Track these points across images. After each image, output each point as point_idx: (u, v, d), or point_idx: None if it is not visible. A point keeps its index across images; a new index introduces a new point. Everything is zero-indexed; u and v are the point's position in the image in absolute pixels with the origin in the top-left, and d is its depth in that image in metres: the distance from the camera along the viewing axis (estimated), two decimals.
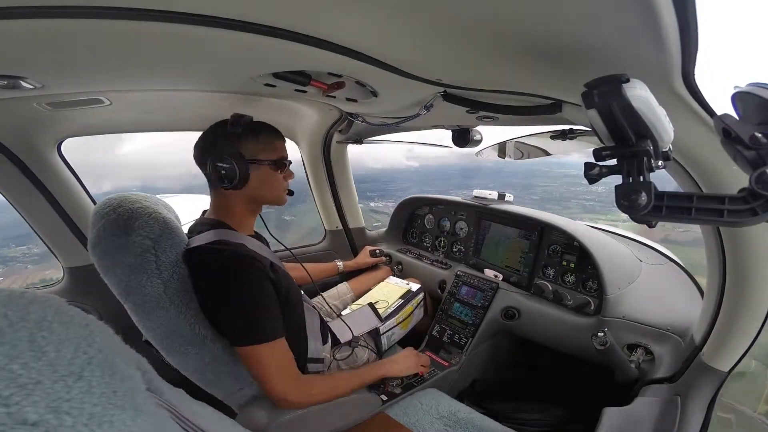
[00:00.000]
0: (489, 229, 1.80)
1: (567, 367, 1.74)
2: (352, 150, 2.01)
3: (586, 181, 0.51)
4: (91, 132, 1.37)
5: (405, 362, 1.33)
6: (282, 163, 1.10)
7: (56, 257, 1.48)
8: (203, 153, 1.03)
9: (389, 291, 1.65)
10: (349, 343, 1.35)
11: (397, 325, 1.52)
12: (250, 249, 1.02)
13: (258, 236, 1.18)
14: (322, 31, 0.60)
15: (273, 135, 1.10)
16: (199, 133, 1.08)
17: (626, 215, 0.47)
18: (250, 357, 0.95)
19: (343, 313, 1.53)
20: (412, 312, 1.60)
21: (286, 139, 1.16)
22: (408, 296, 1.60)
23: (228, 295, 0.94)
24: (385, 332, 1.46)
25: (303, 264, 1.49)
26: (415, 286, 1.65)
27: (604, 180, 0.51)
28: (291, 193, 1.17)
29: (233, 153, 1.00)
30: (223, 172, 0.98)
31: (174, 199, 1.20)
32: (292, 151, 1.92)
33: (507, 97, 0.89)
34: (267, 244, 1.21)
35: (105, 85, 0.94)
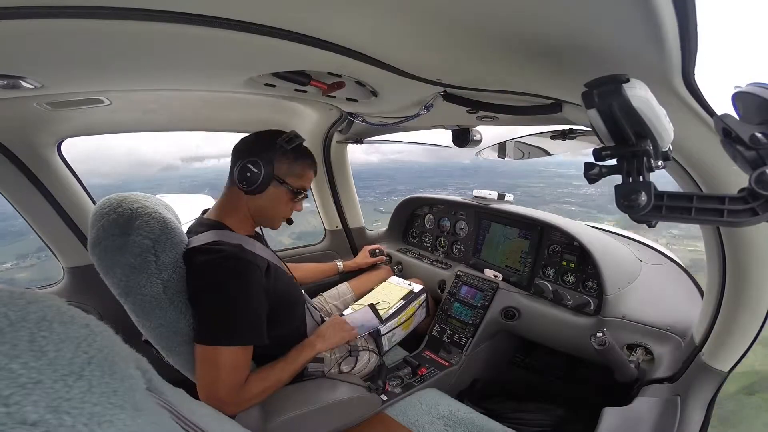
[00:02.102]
0: (489, 229, 1.80)
1: (567, 367, 1.74)
2: None
3: (575, 182, 0.51)
4: (91, 132, 1.37)
5: (333, 335, 1.19)
6: (299, 194, 1.12)
7: (56, 257, 1.48)
8: (243, 151, 1.06)
9: (391, 291, 1.65)
10: (348, 344, 1.35)
11: (399, 326, 1.52)
12: (247, 250, 1.02)
13: (258, 236, 1.19)
14: (322, 31, 0.60)
15: (310, 166, 1.13)
16: (198, 133, 1.08)
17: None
18: (205, 356, 0.91)
19: (345, 313, 1.52)
20: (413, 313, 1.60)
21: None
22: (410, 297, 1.59)
23: (211, 291, 0.92)
24: (386, 333, 1.46)
25: (288, 265, 1.42)
26: (417, 287, 1.65)
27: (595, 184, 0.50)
28: (290, 222, 1.19)
29: (267, 163, 1.02)
30: (248, 174, 1.01)
31: (174, 199, 1.20)
32: None
33: (507, 97, 0.89)
34: (266, 244, 1.21)
35: (105, 85, 0.95)
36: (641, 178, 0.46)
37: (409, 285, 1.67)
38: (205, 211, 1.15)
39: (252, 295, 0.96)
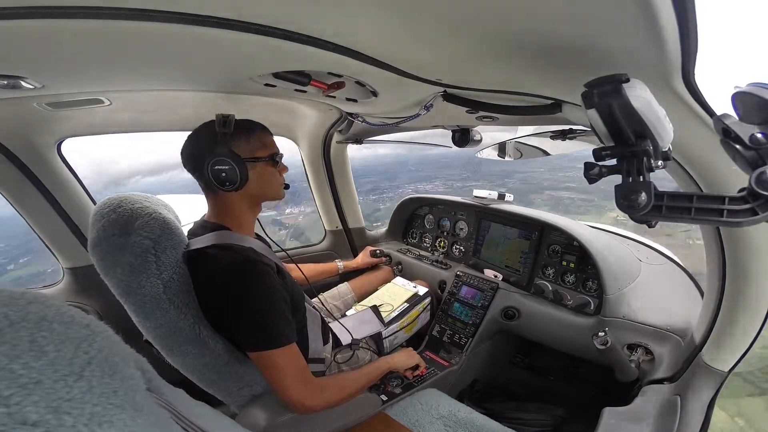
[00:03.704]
0: (489, 229, 1.80)
1: (567, 367, 1.74)
2: None
3: (579, 164, 0.51)
4: (91, 132, 1.37)
5: (406, 355, 1.36)
6: (275, 158, 1.09)
7: (56, 257, 1.48)
8: (197, 158, 1.00)
9: (395, 293, 1.64)
10: (350, 345, 1.35)
11: (401, 329, 1.51)
12: (259, 253, 1.03)
13: (259, 238, 1.19)
14: (322, 31, 0.60)
15: (262, 132, 1.09)
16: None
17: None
18: (265, 362, 0.94)
19: (347, 314, 1.52)
20: (417, 317, 1.59)
21: (286, 138, 1.16)
22: (414, 300, 1.59)
23: (243, 300, 0.93)
24: (388, 336, 1.46)
25: (299, 265, 1.48)
26: (422, 290, 1.64)
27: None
28: (287, 186, 1.17)
29: (229, 154, 0.98)
30: (223, 174, 0.97)
31: (175, 199, 1.20)
32: (288, 148, 1.91)
33: (507, 97, 0.89)
34: (269, 245, 1.21)
35: (105, 85, 0.95)
36: (641, 178, 0.46)
37: (414, 287, 1.67)
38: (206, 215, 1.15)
39: (278, 295, 0.99)
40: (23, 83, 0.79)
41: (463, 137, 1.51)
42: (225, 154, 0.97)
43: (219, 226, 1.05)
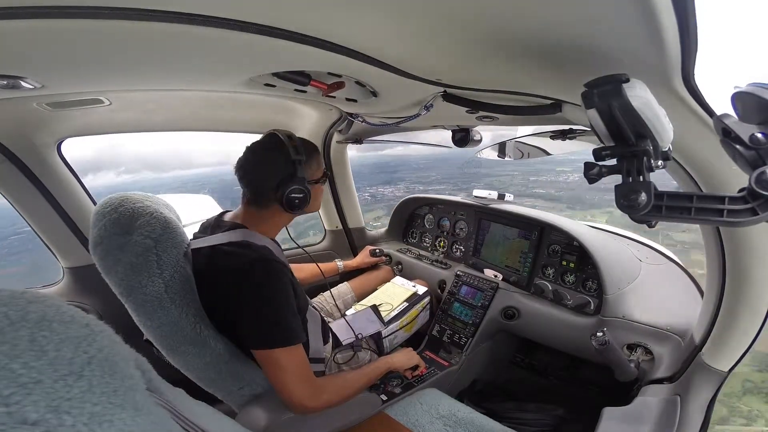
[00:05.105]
0: (489, 229, 1.80)
1: (567, 367, 1.74)
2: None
3: (558, 167, 0.51)
4: (91, 132, 1.37)
5: (406, 355, 1.37)
6: (326, 177, 1.17)
7: (56, 257, 1.48)
8: (271, 181, 1.03)
9: (395, 293, 1.64)
10: (351, 345, 1.35)
11: (401, 329, 1.51)
12: (274, 253, 1.04)
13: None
14: (322, 31, 0.60)
15: (318, 154, 1.16)
16: (198, 133, 1.08)
17: None
18: (271, 361, 0.95)
19: (347, 313, 1.52)
20: (417, 316, 1.59)
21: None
22: (413, 299, 1.59)
23: (258, 298, 0.94)
24: (388, 335, 1.46)
25: (318, 264, 1.55)
26: (421, 289, 1.64)
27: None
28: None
29: (302, 179, 1.04)
30: (297, 201, 1.02)
31: (175, 199, 1.20)
32: None
33: (507, 97, 0.89)
34: (278, 245, 1.22)
35: (105, 85, 0.95)
36: (641, 178, 0.46)
37: (414, 287, 1.67)
38: (222, 214, 1.15)
39: (290, 294, 1.00)
40: (23, 83, 0.79)
41: (463, 137, 1.51)
42: (300, 182, 1.03)
43: (237, 225, 1.06)
